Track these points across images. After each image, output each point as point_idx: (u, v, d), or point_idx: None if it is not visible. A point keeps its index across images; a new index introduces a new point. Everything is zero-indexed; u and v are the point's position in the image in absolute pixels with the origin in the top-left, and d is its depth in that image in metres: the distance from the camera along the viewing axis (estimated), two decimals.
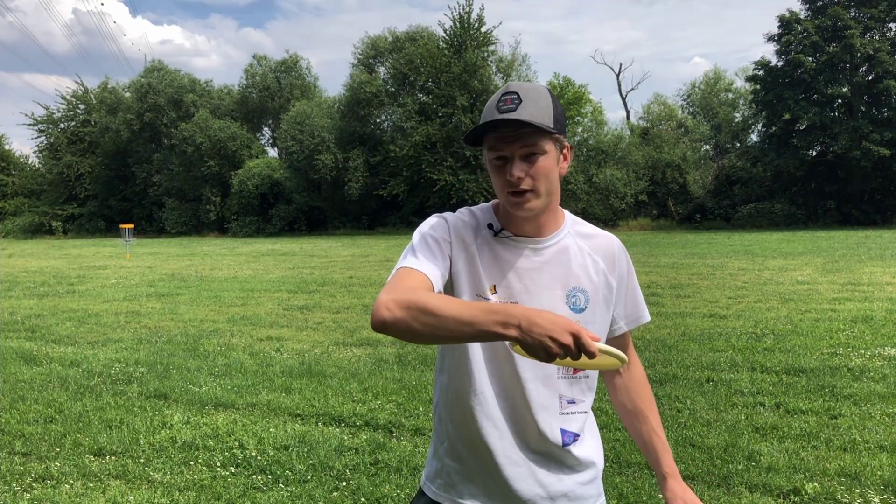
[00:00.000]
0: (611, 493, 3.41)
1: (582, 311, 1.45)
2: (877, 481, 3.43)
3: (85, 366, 6.39)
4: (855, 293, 9.65)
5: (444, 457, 1.53)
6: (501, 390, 1.44)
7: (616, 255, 1.53)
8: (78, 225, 44.38)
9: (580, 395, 1.49)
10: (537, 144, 1.36)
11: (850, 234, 24.14)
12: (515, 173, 1.36)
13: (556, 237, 1.48)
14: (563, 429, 1.45)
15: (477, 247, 1.45)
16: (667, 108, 40.20)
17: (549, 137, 1.38)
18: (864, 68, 31.32)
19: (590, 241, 1.51)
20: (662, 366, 5.84)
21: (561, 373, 1.45)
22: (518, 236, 1.46)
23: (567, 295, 1.45)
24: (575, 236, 1.50)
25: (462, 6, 35.49)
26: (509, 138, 1.36)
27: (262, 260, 19.49)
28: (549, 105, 1.38)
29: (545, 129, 1.34)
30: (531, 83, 1.43)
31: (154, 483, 3.68)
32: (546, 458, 1.47)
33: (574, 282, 1.46)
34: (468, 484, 1.49)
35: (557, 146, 1.41)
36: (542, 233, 1.47)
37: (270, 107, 43.30)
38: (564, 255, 1.47)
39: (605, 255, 1.51)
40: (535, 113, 1.35)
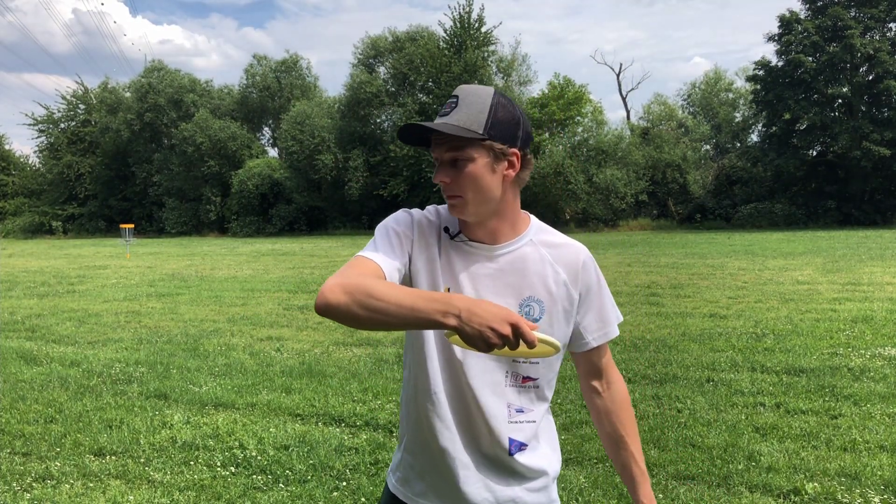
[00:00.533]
0: (611, 493, 3.41)
1: (536, 321, 1.42)
2: (877, 481, 3.43)
3: (85, 366, 6.39)
4: (855, 293, 9.65)
5: (403, 451, 1.54)
6: (454, 394, 1.44)
7: (581, 267, 1.46)
8: (78, 225, 44.39)
9: (529, 405, 1.46)
10: (463, 150, 1.34)
11: (850, 234, 24.14)
12: (437, 178, 1.37)
13: (512, 245, 1.44)
14: (510, 437, 1.44)
15: (438, 247, 1.45)
16: (667, 108, 40.19)
17: (477, 145, 1.34)
18: (865, 68, 31.33)
19: (554, 250, 1.46)
20: (663, 366, 5.84)
21: (509, 381, 1.43)
22: (473, 241, 1.44)
23: (520, 304, 1.42)
24: (538, 245, 1.46)
25: (462, 6, 35.52)
26: (438, 142, 1.36)
27: (262, 260, 19.49)
28: (483, 111, 1.34)
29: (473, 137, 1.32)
30: (483, 87, 1.39)
31: (154, 483, 3.68)
32: (495, 464, 1.46)
33: (529, 291, 1.42)
34: (420, 481, 1.50)
35: (492, 153, 1.36)
36: (497, 240, 1.43)
37: (271, 107, 43.30)
38: (521, 264, 1.43)
39: (569, 266, 1.45)
40: (463, 119, 1.33)
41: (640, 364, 5.91)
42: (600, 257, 17.23)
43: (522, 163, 1.42)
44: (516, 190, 1.45)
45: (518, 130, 1.38)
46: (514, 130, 1.38)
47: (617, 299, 9.19)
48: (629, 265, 14.87)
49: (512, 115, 1.38)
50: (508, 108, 1.37)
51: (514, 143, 1.38)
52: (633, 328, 7.56)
